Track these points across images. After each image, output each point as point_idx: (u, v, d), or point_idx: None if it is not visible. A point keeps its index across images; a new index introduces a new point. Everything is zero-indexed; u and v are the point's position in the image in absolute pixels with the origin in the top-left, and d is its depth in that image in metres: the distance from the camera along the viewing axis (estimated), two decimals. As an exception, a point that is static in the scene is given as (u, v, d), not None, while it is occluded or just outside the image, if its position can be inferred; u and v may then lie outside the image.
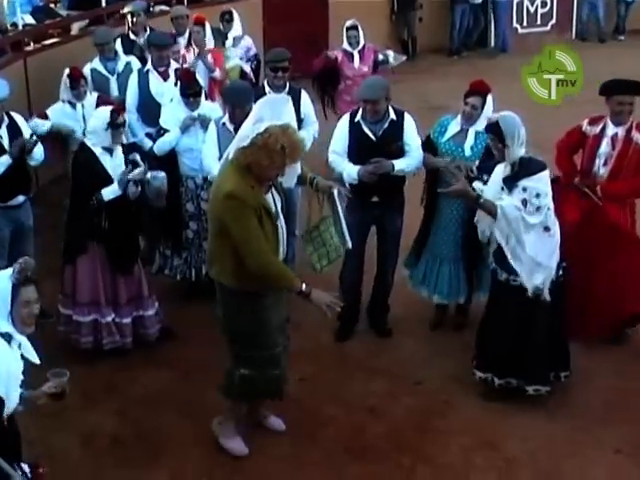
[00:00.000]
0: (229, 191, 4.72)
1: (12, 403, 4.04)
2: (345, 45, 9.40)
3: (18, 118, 6.81)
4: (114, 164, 6.21)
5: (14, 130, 6.65)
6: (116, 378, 6.31)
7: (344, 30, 9.43)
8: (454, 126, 6.38)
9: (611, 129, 6.24)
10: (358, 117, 6.39)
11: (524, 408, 5.75)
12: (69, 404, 5.88)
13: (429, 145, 6.44)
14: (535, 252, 5.51)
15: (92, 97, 7.77)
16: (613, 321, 6.43)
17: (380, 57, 9.43)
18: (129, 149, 6.48)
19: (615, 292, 6.30)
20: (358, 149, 6.38)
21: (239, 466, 5.23)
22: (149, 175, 6.25)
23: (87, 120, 7.39)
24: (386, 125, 6.35)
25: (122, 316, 6.41)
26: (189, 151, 7.04)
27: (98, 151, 6.18)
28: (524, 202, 5.43)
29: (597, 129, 6.28)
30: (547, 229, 5.55)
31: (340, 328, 6.83)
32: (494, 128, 5.51)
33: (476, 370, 5.91)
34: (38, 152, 6.82)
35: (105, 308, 6.35)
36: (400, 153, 6.36)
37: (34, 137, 6.75)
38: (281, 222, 5.03)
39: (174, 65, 8.14)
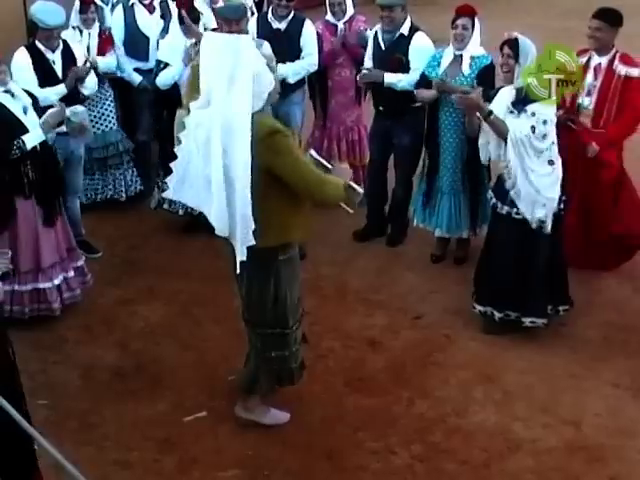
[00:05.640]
0: (271, 126, 4.32)
1: None
2: (328, 15, 7.58)
3: (73, 45, 6.82)
4: (19, 106, 5.73)
5: (68, 56, 6.66)
6: (116, 311, 6.33)
7: None
8: (448, 55, 6.46)
9: (595, 59, 6.19)
10: (379, 26, 6.85)
11: (523, 342, 5.76)
12: (69, 337, 5.98)
13: (424, 81, 6.50)
14: (538, 184, 5.51)
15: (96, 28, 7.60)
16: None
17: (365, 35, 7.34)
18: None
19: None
20: (373, 55, 6.91)
21: (238, 397, 5.26)
22: (68, 112, 5.92)
23: (91, 50, 7.36)
24: (395, 37, 6.69)
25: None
26: None
27: (0, 96, 5.67)
28: (532, 128, 5.43)
29: (583, 60, 6.19)
30: (551, 162, 5.55)
31: (362, 228, 7.32)
32: (512, 42, 5.60)
33: (476, 304, 5.92)
34: (91, 81, 6.85)
35: (51, 270, 5.97)
36: (404, 67, 6.65)
37: (87, 64, 6.76)
38: None
39: None
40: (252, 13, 8.03)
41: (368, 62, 6.94)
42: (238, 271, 4.47)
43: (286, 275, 4.66)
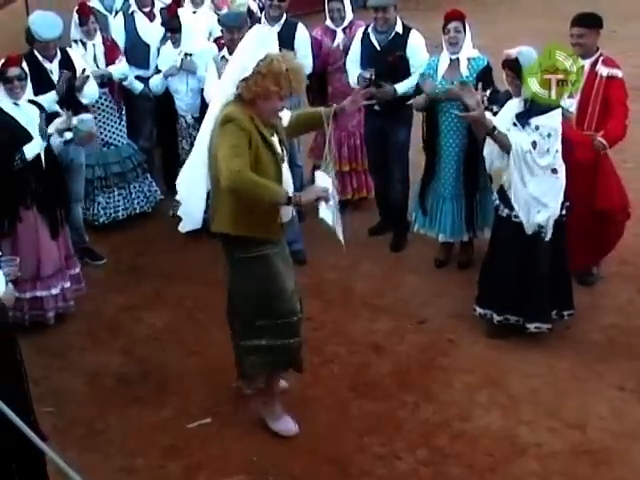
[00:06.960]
0: (224, 115, 4.44)
1: None
2: (327, 21, 7.56)
3: (73, 54, 6.79)
4: (27, 118, 5.75)
5: (66, 66, 6.63)
6: (121, 317, 6.35)
7: (325, 2, 7.59)
8: (444, 60, 6.48)
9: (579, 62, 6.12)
10: (370, 28, 6.92)
11: (527, 345, 5.75)
12: (74, 343, 5.98)
13: (421, 90, 6.50)
14: (540, 193, 5.49)
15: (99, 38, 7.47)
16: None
17: None
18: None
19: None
20: (365, 57, 6.91)
21: (243, 403, 5.26)
22: (75, 121, 5.97)
23: (98, 61, 7.30)
24: (391, 37, 6.78)
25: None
26: (176, 92, 7.26)
27: (7, 107, 5.70)
28: (534, 144, 5.40)
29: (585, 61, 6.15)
30: (554, 171, 5.52)
31: (376, 224, 7.56)
32: (513, 64, 5.47)
33: (476, 306, 5.92)
34: (90, 89, 6.79)
35: (50, 279, 6.01)
36: (402, 64, 6.75)
37: (85, 73, 6.70)
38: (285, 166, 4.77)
39: (159, 5, 7.98)
40: (258, 18, 7.98)
41: (354, 65, 6.96)
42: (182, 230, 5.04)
43: (243, 275, 4.72)
